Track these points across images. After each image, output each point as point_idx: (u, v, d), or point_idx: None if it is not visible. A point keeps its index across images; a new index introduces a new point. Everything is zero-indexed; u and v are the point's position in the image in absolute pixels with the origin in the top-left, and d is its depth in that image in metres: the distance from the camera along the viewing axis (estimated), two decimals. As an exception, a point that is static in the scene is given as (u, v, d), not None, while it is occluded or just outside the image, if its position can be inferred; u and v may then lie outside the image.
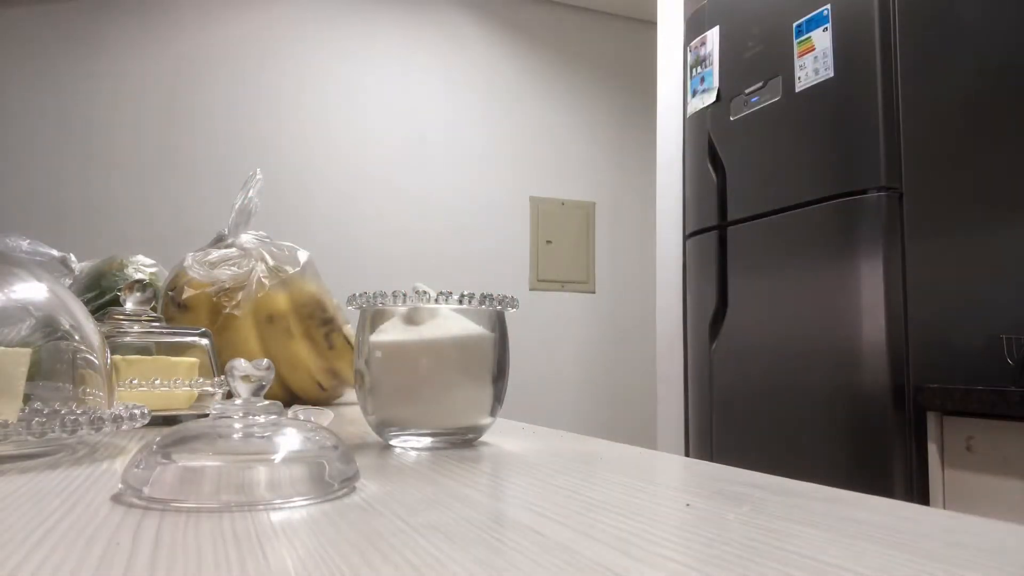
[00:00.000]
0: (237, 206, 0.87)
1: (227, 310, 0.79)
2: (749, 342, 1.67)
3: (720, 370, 1.75)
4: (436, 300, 0.52)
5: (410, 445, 0.52)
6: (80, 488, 0.34)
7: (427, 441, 0.52)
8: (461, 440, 0.54)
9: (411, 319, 0.53)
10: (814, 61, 1.52)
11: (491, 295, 0.54)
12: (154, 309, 0.73)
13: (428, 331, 0.52)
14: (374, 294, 0.53)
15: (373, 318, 0.54)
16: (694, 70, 1.93)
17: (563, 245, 3.32)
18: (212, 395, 0.65)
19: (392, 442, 0.53)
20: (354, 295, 0.54)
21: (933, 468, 1.32)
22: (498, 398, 0.55)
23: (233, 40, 2.91)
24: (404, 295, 0.52)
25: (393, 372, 0.53)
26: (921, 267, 1.39)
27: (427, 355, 0.52)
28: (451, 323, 0.53)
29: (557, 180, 3.34)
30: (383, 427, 0.53)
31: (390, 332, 0.53)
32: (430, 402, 0.52)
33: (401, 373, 0.52)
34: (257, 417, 0.34)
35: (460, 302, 0.53)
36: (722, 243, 1.77)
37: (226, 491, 0.31)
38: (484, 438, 0.59)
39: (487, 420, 0.54)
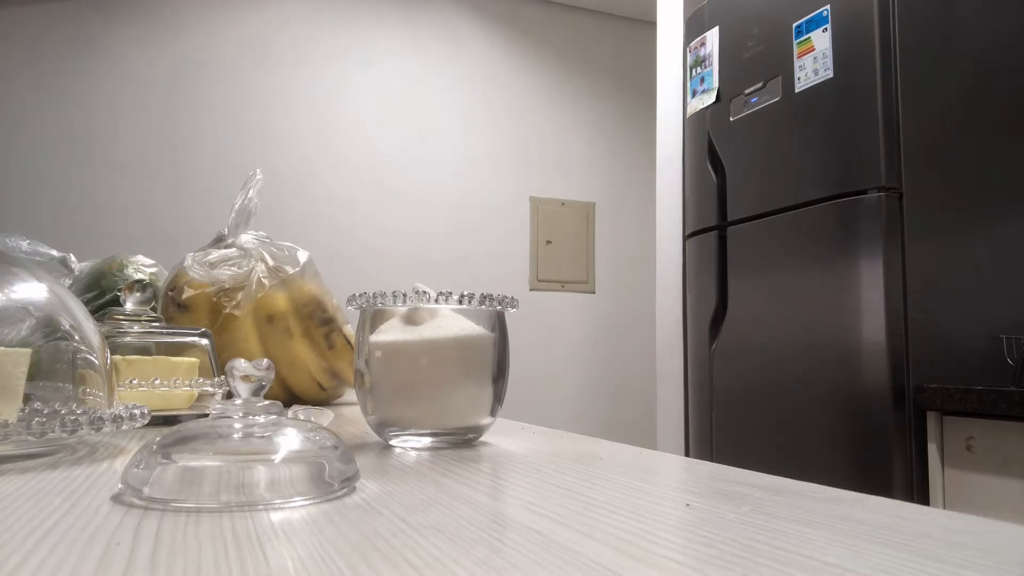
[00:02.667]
0: (237, 206, 0.87)
1: (227, 310, 0.79)
2: (749, 342, 1.67)
3: (720, 370, 1.75)
4: (436, 300, 0.52)
5: (410, 445, 0.52)
6: (80, 488, 0.34)
7: (427, 441, 0.52)
8: (461, 440, 0.54)
9: (411, 319, 0.53)
10: (814, 61, 1.52)
11: (491, 295, 0.54)
12: (154, 309, 0.73)
13: (428, 331, 0.52)
14: (374, 294, 0.53)
15: (373, 318, 0.54)
16: (694, 70, 1.93)
17: (563, 245, 3.32)
18: (212, 395, 0.65)
19: (392, 442, 0.53)
20: (354, 295, 0.54)
21: (933, 468, 1.32)
22: (498, 398, 0.55)
23: (233, 41, 2.91)
24: (404, 295, 0.52)
25: (393, 372, 0.53)
26: (921, 267, 1.39)
27: (427, 355, 0.52)
28: (451, 323, 0.53)
29: (557, 180, 3.34)
30: (383, 427, 0.53)
31: (390, 332, 0.53)
32: (430, 402, 0.52)
33: (401, 373, 0.52)
34: (257, 417, 0.34)
35: (460, 302, 0.53)
36: (722, 243, 1.77)
37: (226, 491, 0.31)
38: (484, 438, 0.59)
39: (487, 420, 0.54)
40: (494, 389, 0.54)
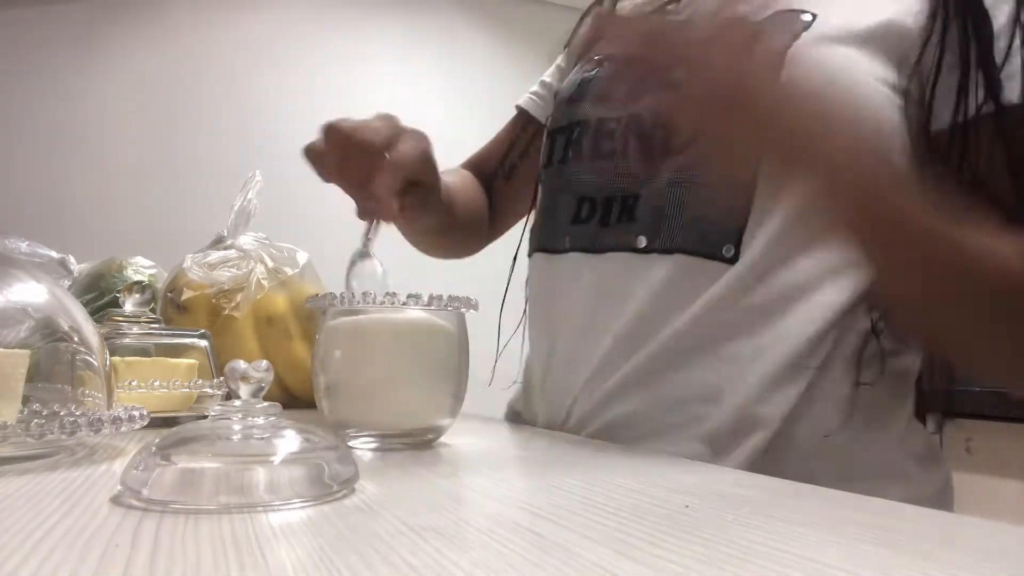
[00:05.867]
0: (236, 208, 0.87)
1: (226, 312, 0.79)
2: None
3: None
4: (405, 302, 0.51)
5: (370, 446, 0.51)
6: (79, 490, 0.34)
7: (378, 442, 0.51)
8: (420, 440, 0.52)
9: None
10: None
11: (449, 296, 0.52)
12: (153, 311, 0.73)
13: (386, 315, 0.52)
14: (340, 295, 0.52)
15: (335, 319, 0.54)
16: (693, 72, 1.93)
17: (562, 247, 3.32)
18: (211, 397, 0.65)
19: (351, 443, 0.51)
20: (315, 295, 0.54)
21: (932, 470, 1.32)
22: (457, 398, 0.54)
23: (232, 42, 2.91)
24: (374, 296, 0.51)
25: (348, 358, 0.52)
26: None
27: (383, 335, 0.52)
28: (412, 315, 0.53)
29: (556, 182, 3.34)
30: (342, 425, 0.52)
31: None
32: (386, 397, 0.51)
33: (357, 359, 0.52)
34: (256, 419, 0.34)
35: (429, 303, 0.51)
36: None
37: (225, 493, 0.31)
38: (482, 439, 0.59)
39: (447, 420, 0.53)
40: (454, 388, 0.53)
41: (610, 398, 0.60)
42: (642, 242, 0.60)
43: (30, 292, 0.49)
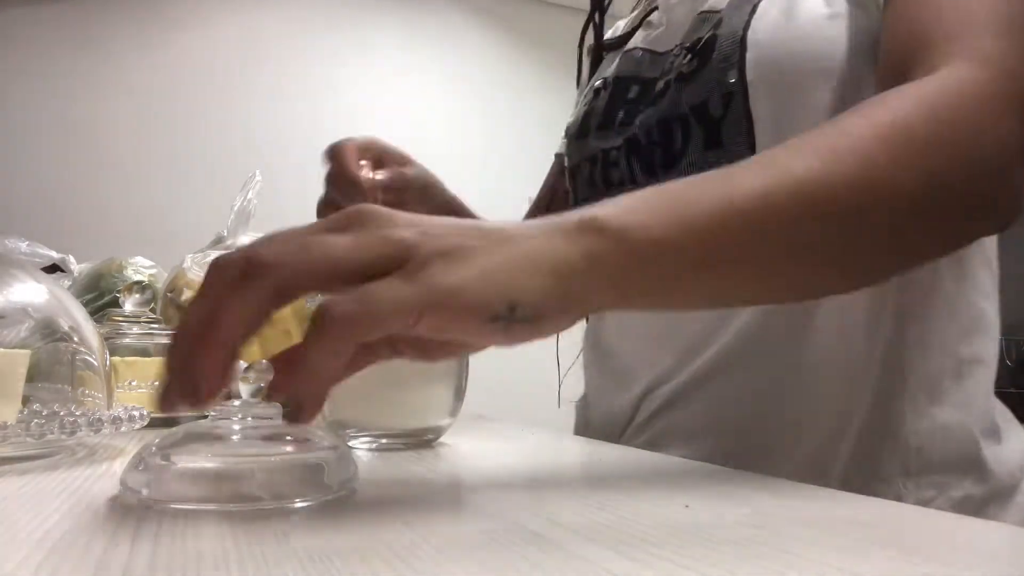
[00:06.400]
0: (236, 208, 0.87)
1: (226, 312, 0.79)
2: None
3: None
4: None
5: (366, 446, 0.51)
6: (79, 490, 0.34)
7: (378, 442, 0.51)
8: (420, 440, 0.52)
9: None
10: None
11: None
12: (153, 311, 0.73)
13: None
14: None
15: None
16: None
17: (562, 246, 3.31)
18: (211, 396, 0.65)
19: (351, 443, 0.51)
20: (315, 295, 0.54)
21: (932, 469, 1.32)
22: (458, 396, 0.54)
23: (231, 42, 2.91)
24: None
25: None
26: (920, 269, 1.39)
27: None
28: None
29: (556, 181, 3.34)
30: (342, 425, 0.52)
31: None
32: (386, 397, 0.51)
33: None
34: (256, 419, 0.34)
35: None
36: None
37: (225, 493, 0.31)
38: (482, 439, 0.59)
39: (446, 420, 0.53)
40: (454, 388, 0.53)
41: (674, 399, 0.59)
42: None
43: (30, 292, 0.49)
